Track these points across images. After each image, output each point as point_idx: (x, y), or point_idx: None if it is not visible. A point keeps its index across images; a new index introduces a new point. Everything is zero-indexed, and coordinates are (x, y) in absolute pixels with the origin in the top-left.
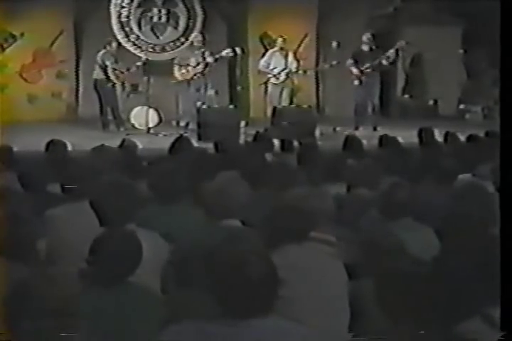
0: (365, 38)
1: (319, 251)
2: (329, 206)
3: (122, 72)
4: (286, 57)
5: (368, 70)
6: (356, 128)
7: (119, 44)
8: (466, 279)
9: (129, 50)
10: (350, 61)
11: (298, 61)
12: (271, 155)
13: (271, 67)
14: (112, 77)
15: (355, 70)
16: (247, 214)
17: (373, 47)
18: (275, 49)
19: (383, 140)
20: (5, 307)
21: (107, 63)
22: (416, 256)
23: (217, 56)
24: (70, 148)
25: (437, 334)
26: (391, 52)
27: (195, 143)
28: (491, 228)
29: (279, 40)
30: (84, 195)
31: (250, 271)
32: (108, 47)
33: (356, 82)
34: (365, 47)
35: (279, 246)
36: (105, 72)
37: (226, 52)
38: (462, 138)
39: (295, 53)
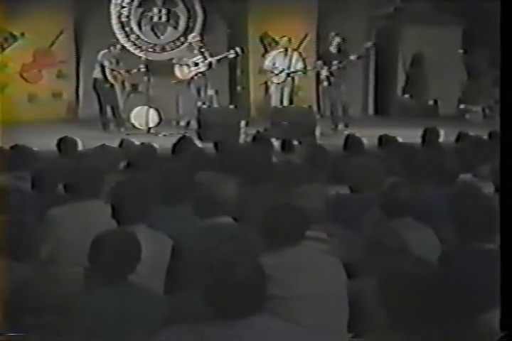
0: (335, 42)
1: (318, 251)
2: (328, 205)
3: (121, 74)
4: (290, 57)
5: (335, 71)
6: (336, 127)
7: (123, 47)
8: (466, 279)
9: (129, 51)
10: (318, 62)
11: (304, 60)
12: (271, 155)
13: (276, 67)
14: (110, 77)
15: (323, 71)
16: (247, 214)
17: (342, 48)
18: (281, 49)
19: (383, 140)
20: (6, 306)
21: (105, 64)
22: (416, 255)
23: (218, 57)
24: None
25: (437, 334)
26: (353, 57)
27: (198, 144)
28: (491, 228)
29: (284, 39)
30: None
31: (237, 272)
32: (112, 49)
33: (325, 83)
34: (334, 50)
35: (279, 246)
36: (103, 73)
37: (228, 53)
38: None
39: (300, 53)
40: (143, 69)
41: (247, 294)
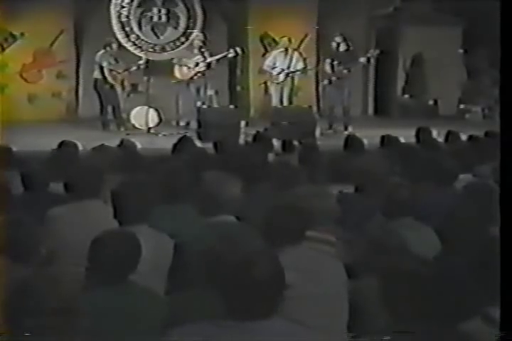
0: (338, 39)
1: (319, 251)
2: (329, 205)
3: (120, 73)
4: (290, 57)
5: (340, 71)
6: (330, 127)
7: (120, 45)
8: (466, 279)
9: (129, 51)
10: (327, 61)
11: (304, 60)
12: (271, 155)
13: (276, 67)
14: (109, 78)
15: (327, 70)
16: (247, 214)
17: (350, 48)
18: (281, 49)
19: (385, 140)
20: (6, 306)
21: (104, 64)
22: (417, 255)
23: (218, 56)
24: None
25: (438, 333)
26: (363, 59)
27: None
28: (491, 228)
29: (284, 39)
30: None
31: (258, 273)
32: (108, 48)
33: (326, 82)
34: (342, 48)
35: (279, 246)
36: (102, 73)
37: (228, 53)
38: (463, 138)
39: (300, 53)
40: (142, 67)
41: (260, 295)
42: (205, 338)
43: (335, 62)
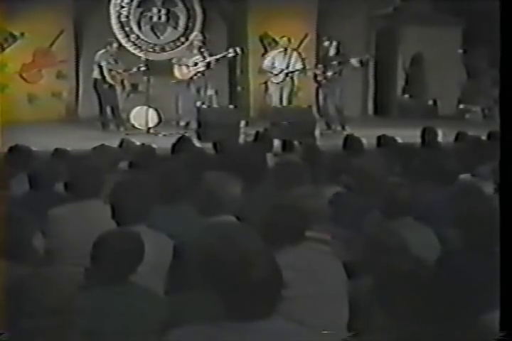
0: (326, 44)
1: (318, 251)
2: (329, 205)
3: (119, 73)
4: (289, 57)
5: (330, 74)
6: (329, 128)
7: (120, 45)
8: (465, 279)
9: (128, 51)
10: (319, 66)
11: (303, 60)
12: (271, 155)
13: (275, 67)
14: (108, 77)
15: (318, 73)
16: (247, 214)
17: (340, 51)
18: (280, 49)
19: (382, 140)
20: (5, 306)
21: (102, 64)
22: (417, 255)
23: (218, 56)
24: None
25: (437, 333)
26: (354, 60)
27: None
28: (491, 228)
29: (284, 39)
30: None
31: (255, 272)
32: (108, 48)
33: (317, 85)
34: (331, 52)
35: (278, 246)
36: (102, 73)
37: (228, 53)
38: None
39: (299, 53)
40: (142, 68)
41: (259, 295)
42: (205, 338)
43: (330, 69)
